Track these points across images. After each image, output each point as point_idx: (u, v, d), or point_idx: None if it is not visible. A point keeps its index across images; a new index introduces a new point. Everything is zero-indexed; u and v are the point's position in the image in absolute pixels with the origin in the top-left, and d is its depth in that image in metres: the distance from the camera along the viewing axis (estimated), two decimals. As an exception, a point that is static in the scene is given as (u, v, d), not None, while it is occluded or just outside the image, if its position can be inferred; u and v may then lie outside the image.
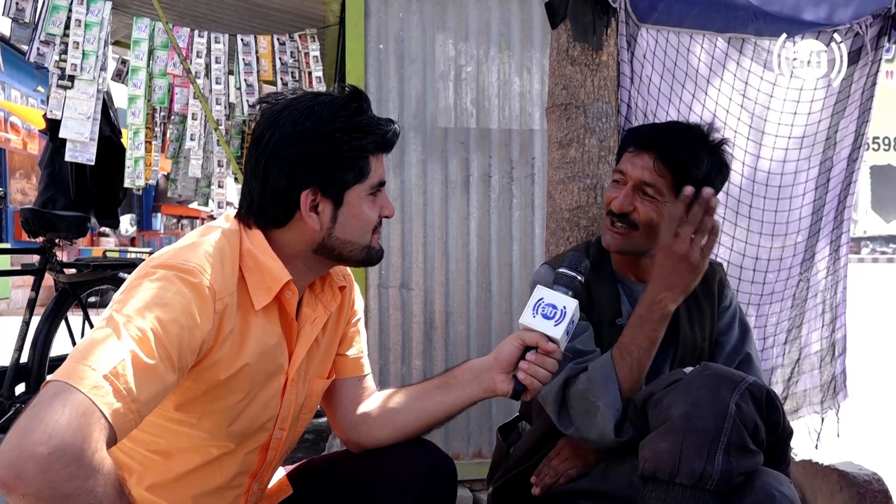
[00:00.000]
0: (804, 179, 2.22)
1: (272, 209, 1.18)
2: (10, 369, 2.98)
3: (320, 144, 1.15)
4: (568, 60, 1.94)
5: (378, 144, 1.21)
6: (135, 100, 3.50)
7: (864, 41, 2.18)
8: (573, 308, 1.22)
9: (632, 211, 1.49)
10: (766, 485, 1.17)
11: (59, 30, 3.22)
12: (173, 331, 1.01)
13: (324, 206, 1.18)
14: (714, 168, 1.50)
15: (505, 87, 2.77)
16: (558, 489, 1.50)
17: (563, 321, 1.21)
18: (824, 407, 2.40)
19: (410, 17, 2.71)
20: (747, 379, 1.22)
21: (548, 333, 1.21)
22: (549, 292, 1.23)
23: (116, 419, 0.92)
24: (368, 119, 1.20)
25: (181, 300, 1.03)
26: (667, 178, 1.47)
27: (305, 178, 1.16)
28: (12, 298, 9.66)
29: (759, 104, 2.17)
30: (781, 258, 2.22)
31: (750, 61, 2.14)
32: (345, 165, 1.17)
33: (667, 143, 1.49)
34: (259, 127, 1.19)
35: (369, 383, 1.42)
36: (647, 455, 1.22)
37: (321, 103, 1.17)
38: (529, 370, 1.21)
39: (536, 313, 1.22)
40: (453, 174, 2.73)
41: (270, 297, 1.17)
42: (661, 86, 2.09)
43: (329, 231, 1.19)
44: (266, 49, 3.62)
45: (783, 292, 2.25)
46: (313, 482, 1.39)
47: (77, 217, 3.37)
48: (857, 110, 2.23)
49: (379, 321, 2.70)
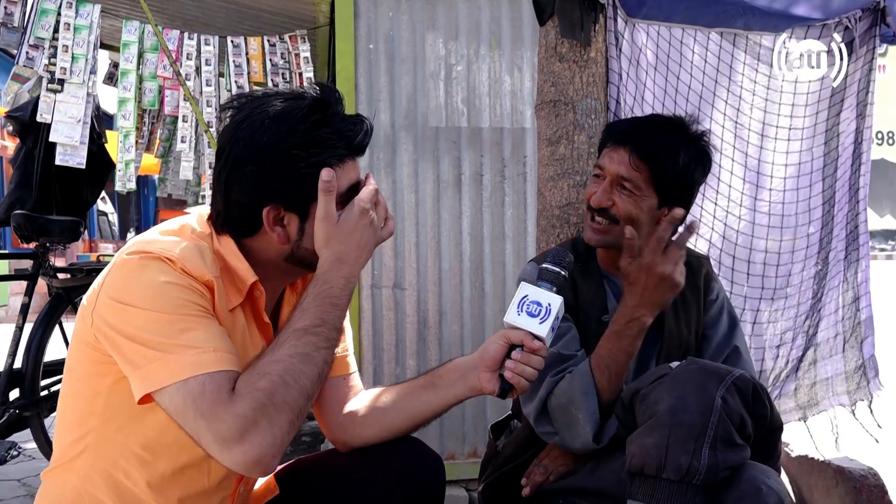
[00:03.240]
0: (809, 171, 2.22)
1: (236, 222, 1.16)
2: (4, 375, 2.97)
3: (277, 162, 1.11)
4: (556, 57, 1.93)
5: (340, 157, 1.15)
6: (125, 103, 3.49)
7: (855, 35, 2.18)
8: (558, 304, 1.21)
9: (611, 206, 1.49)
10: (752, 478, 1.17)
11: (47, 34, 3.21)
12: (186, 297, 1.07)
13: (290, 220, 1.16)
14: (693, 160, 1.50)
15: (496, 85, 2.76)
16: (549, 487, 1.49)
17: (548, 318, 1.19)
18: (853, 398, 2.30)
19: (400, 16, 2.71)
20: (733, 372, 1.22)
21: (533, 331, 1.19)
22: (534, 289, 1.22)
23: (234, 363, 1.07)
24: (330, 132, 1.14)
25: (177, 279, 1.07)
26: (643, 171, 1.47)
27: (265, 195, 1.13)
28: (10, 306, 9.63)
29: (758, 96, 2.17)
30: (794, 250, 2.21)
31: (744, 54, 2.14)
32: (304, 181, 1.13)
33: (642, 137, 1.49)
34: (221, 137, 1.16)
35: (355, 381, 1.41)
36: (634, 451, 1.22)
37: (280, 114, 1.12)
38: (516, 369, 1.20)
39: (521, 311, 1.20)
40: (445, 173, 2.73)
41: (241, 296, 1.17)
42: (651, 81, 2.08)
43: (297, 243, 1.17)
44: (256, 50, 3.62)
45: (800, 284, 2.23)
46: (300, 482, 1.38)
47: (70, 221, 3.35)
48: (856, 99, 2.23)
49: (372, 322, 2.69)
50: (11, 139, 9.95)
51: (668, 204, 1.50)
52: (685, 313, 1.56)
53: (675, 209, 1.41)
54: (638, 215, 1.48)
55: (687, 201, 1.54)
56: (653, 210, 1.50)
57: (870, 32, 2.23)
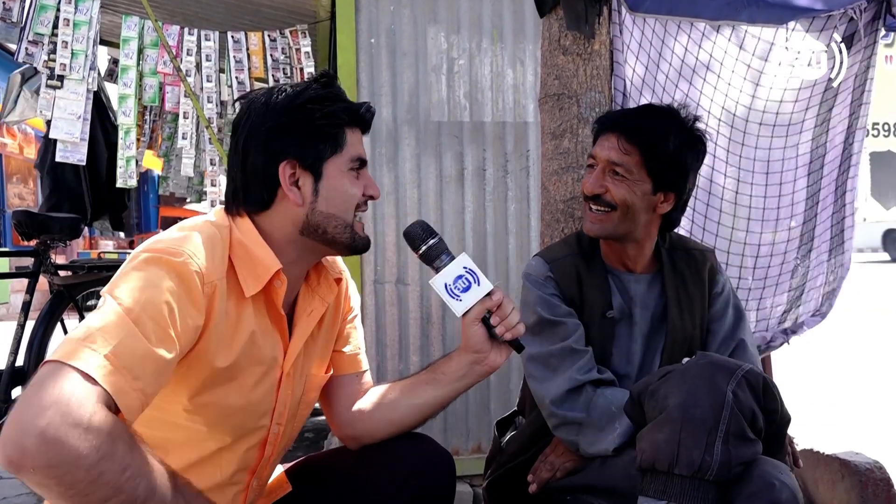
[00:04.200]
0: (793, 166, 2.20)
1: (255, 189, 1.19)
2: (6, 372, 2.97)
3: (293, 116, 1.18)
4: (560, 50, 1.92)
5: (351, 113, 1.22)
6: (125, 99, 3.47)
7: (858, 26, 2.16)
8: (465, 260, 1.23)
9: (604, 192, 1.49)
10: (765, 474, 1.16)
11: (47, 29, 3.19)
12: (165, 311, 1.01)
13: (304, 180, 1.19)
14: (685, 144, 1.50)
15: (498, 79, 2.74)
16: (555, 484, 1.49)
17: (475, 275, 1.22)
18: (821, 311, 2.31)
19: (401, 10, 2.69)
20: (743, 366, 1.21)
21: (481, 296, 1.22)
22: (445, 273, 1.23)
23: (121, 398, 0.93)
24: (338, 90, 1.23)
25: (170, 284, 1.04)
26: (634, 154, 1.47)
27: (281, 150, 1.18)
28: (11, 303, 9.63)
29: (745, 92, 2.14)
30: (774, 243, 2.20)
31: (738, 49, 2.12)
32: (318, 135, 1.19)
33: (630, 122, 1.50)
34: (237, 117, 1.23)
35: (366, 379, 1.42)
36: (644, 446, 1.21)
37: (293, 84, 1.22)
38: (505, 324, 1.24)
39: (459, 295, 1.22)
40: (448, 168, 2.72)
41: (261, 284, 1.16)
42: (650, 74, 2.07)
43: (312, 205, 1.20)
44: (257, 46, 3.60)
45: (778, 277, 2.23)
46: (312, 479, 1.39)
47: (70, 219, 3.36)
48: (850, 96, 2.20)
49: (375, 317, 2.68)
50: (10, 135, 9.92)
51: (662, 189, 1.50)
52: (689, 307, 1.55)
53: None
54: (632, 200, 1.47)
55: (681, 186, 1.53)
56: (647, 195, 1.49)
57: (873, 25, 2.21)
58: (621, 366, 1.52)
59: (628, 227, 1.50)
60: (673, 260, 1.59)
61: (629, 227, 1.50)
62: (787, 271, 2.24)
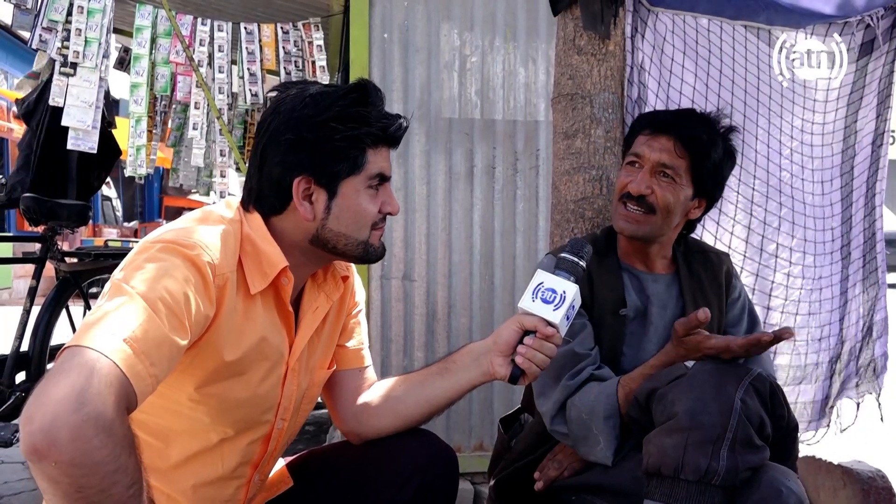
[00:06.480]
0: (830, 165, 2.21)
1: (268, 195, 1.18)
2: (11, 358, 2.97)
3: (314, 132, 1.14)
4: (574, 50, 1.91)
5: (376, 138, 1.18)
6: (137, 87, 3.47)
7: (877, 33, 2.16)
8: (573, 292, 1.20)
9: (649, 193, 1.47)
10: (772, 480, 1.16)
11: (61, 17, 3.19)
12: (181, 299, 1.01)
13: (318, 196, 1.17)
14: (726, 154, 1.51)
15: (510, 77, 2.74)
16: (562, 483, 1.48)
17: (562, 305, 1.19)
18: (860, 392, 2.29)
19: (415, 6, 2.68)
20: (752, 372, 1.21)
21: (546, 318, 1.19)
22: (550, 277, 1.22)
23: (138, 383, 0.92)
24: (367, 111, 1.17)
25: (185, 273, 1.03)
26: (685, 160, 1.47)
27: (298, 165, 1.15)
28: (14, 288, 9.67)
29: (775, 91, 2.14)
30: (824, 241, 2.19)
31: (767, 47, 2.12)
32: (338, 155, 1.16)
33: (685, 126, 1.49)
34: (264, 114, 1.20)
35: (370, 374, 1.41)
36: (651, 451, 1.21)
37: (323, 93, 1.17)
38: (528, 354, 1.20)
39: (536, 297, 1.20)
40: (457, 165, 2.71)
41: (266, 281, 1.16)
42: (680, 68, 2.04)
43: (323, 222, 1.18)
44: (269, 38, 3.59)
45: (830, 277, 2.21)
46: (314, 473, 1.38)
47: (79, 206, 3.35)
48: (876, 99, 2.21)
49: (381, 312, 2.68)
50: (19, 123, 9.95)
51: (700, 196, 1.51)
52: None
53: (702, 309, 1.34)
54: (675, 205, 1.47)
55: (716, 195, 1.55)
56: (687, 201, 1.50)
57: (892, 32, 2.20)
58: (632, 365, 1.52)
59: (663, 230, 1.50)
60: (689, 262, 1.59)
61: (664, 230, 1.50)
62: (836, 271, 2.20)
